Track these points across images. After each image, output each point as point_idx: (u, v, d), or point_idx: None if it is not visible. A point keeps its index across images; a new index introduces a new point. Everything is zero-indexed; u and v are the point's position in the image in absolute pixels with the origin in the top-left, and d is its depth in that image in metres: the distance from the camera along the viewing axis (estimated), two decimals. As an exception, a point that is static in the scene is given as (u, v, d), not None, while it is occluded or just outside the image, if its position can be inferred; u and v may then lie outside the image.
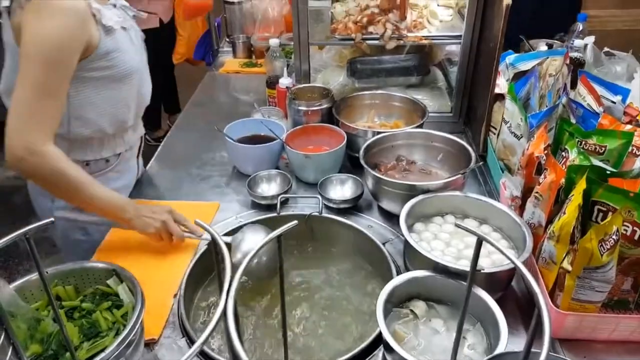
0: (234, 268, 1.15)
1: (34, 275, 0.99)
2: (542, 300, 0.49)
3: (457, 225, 0.57)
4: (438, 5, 2.00)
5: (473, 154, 1.41)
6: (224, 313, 0.46)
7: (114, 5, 1.33)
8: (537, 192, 1.14)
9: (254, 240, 1.26)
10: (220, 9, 2.89)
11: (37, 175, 1.21)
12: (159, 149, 1.89)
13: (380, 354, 1.04)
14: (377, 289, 1.25)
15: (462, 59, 1.75)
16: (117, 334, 0.94)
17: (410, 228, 1.24)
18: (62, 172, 1.19)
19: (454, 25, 1.89)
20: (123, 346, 0.84)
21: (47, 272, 1.01)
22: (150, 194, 1.60)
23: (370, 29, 1.80)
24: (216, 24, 2.94)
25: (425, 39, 1.80)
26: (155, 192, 1.61)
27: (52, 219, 0.53)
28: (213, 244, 0.52)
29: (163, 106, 4.17)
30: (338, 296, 1.27)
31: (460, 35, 1.74)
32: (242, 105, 2.21)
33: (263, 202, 1.51)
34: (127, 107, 1.41)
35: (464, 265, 1.08)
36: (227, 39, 2.89)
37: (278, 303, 1.24)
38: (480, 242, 0.52)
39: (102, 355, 0.81)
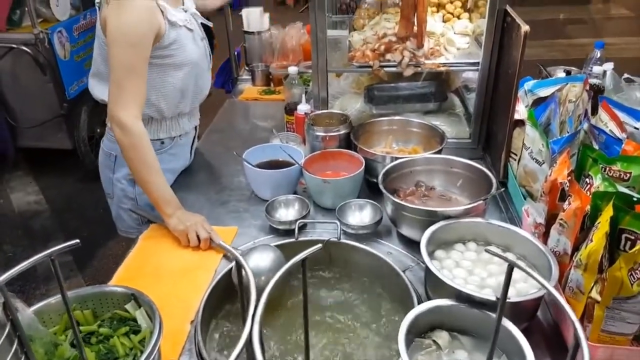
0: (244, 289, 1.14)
1: (52, 299, 0.99)
2: (581, 330, 0.47)
3: (487, 251, 0.55)
4: (455, 33, 2.01)
5: (494, 180, 1.39)
6: (250, 339, 0.45)
7: (185, 11, 1.60)
8: (561, 219, 1.12)
9: (261, 259, 1.26)
10: (240, 38, 2.95)
11: (121, 144, 1.46)
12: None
13: (402, 385, 1.01)
14: (397, 318, 1.22)
15: (480, 85, 1.75)
16: (134, 359, 0.93)
17: (431, 255, 1.22)
18: (138, 149, 1.45)
19: (471, 52, 1.89)
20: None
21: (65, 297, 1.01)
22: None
23: (388, 56, 1.81)
24: (236, 53, 2.99)
25: (442, 66, 1.80)
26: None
27: (77, 240, 0.53)
28: (237, 266, 0.51)
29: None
30: (356, 324, 1.24)
31: (478, 62, 1.75)
32: (261, 131, 2.23)
33: (281, 227, 1.50)
34: (183, 94, 1.63)
35: (489, 294, 1.06)
36: (246, 68, 2.93)
37: (295, 321, 1.23)
38: (511, 269, 0.51)
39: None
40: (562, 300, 0.51)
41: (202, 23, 1.72)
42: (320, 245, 0.56)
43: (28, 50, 3.46)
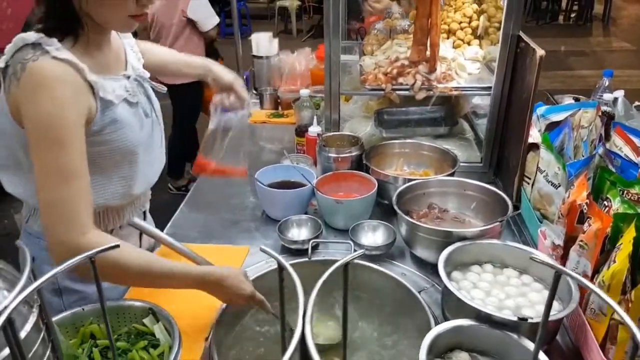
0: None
1: (69, 312, 0.98)
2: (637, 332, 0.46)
3: (532, 259, 0.54)
4: (465, 59, 2.04)
5: (509, 202, 1.39)
6: (303, 337, 0.45)
7: (128, 77, 1.23)
8: (581, 241, 1.11)
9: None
10: (249, 63, 2.99)
11: (92, 274, 0.80)
12: (189, 193, 1.91)
13: (422, 408, 0.99)
14: (414, 339, 1.20)
15: (493, 109, 1.76)
16: (152, 375, 0.91)
17: (447, 276, 1.21)
18: (115, 262, 0.99)
19: (481, 77, 1.91)
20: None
21: (83, 309, 1.00)
22: (180, 238, 1.58)
23: (400, 80, 1.83)
24: (245, 77, 3.03)
25: (455, 90, 1.82)
26: (186, 236, 1.60)
27: (118, 243, 0.52)
28: (279, 269, 0.50)
29: (187, 157, 4.25)
30: (372, 346, 1.22)
31: (490, 87, 1.77)
32: (269, 153, 2.24)
33: (293, 246, 1.49)
34: (126, 186, 1.24)
35: (508, 315, 1.04)
36: (255, 92, 2.96)
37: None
38: (558, 277, 0.50)
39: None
40: (612, 303, 0.50)
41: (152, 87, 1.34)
42: (363, 250, 0.56)
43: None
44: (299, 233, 1.56)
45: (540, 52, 1.42)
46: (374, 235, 1.52)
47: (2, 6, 3.39)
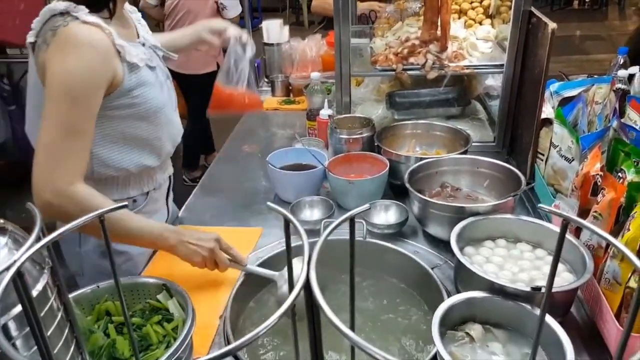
0: (280, 301, 1.12)
1: (88, 289, 1.00)
2: None
3: (540, 208, 0.54)
4: (477, 38, 2.02)
5: (522, 178, 1.38)
6: (308, 282, 0.45)
7: (143, 44, 1.32)
8: (595, 212, 1.10)
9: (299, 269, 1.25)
10: (260, 50, 2.99)
11: (67, 218, 0.90)
12: (202, 178, 1.93)
13: (436, 379, 0.99)
14: (427, 315, 1.20)
15: (505, 87, 1.75)
16: (167, 347, 0.92)
17: (460, 251, 1.20)
18: (92, 209, 1.07)
19: (494, 56, 1.89)
20: (175, 357, 0.82)
21: (98, 287, 1.02)
22: (194, 221, 1.61)
23: (411, 60, 1.82)
24: (256, 65, 3.03)
25: (466, 69, 1.81)
26: (200, 219, 1.62)
27: (126, 203, 0.53)
28: (285, 223, 0.51)
29: (202, 148, 4.28)
30: (385, 321, 1.22)
31: (502, 65, 1.75)
32: (281, 138, 2.24)
33: (306, 227, 1.48)
34: (152, 147, 1.34)
35: (522, 286, 1.04)
36: (266, 79, 2.97)
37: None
38: (566, 225, 0.49)
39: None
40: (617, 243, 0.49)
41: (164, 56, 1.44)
42: (367, 205, 0.56)
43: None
44: (312, 214, 1.56)
45: (552, 25, 1.40)
46: (386, 215, 1.52)
47: (14, 1, 3.43)
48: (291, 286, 0.46)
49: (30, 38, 1.16)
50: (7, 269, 0.44)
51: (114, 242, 1.19)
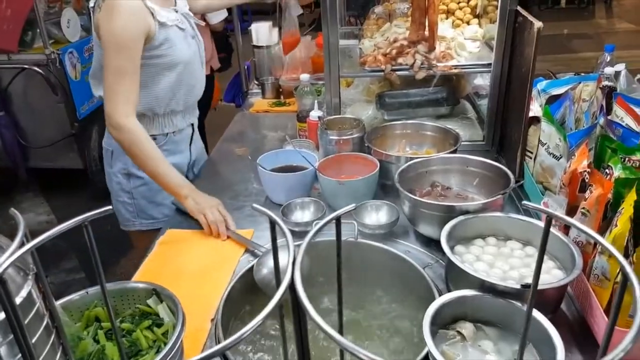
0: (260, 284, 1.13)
1: (76, 295, 0.99)
2: (628, 266, 0.46)
3: (524, 205, 0.54)
4: (465, 38, 2.03)
5: (511, 176, 1.39)
6: (292, 283, 0.45)
7: (176, 11, 1.66)
8: (583, 208, 1.11)
9: (283, 256, 1.25)
10: (250, 53, 2.99)
11: (121, 143, 1.56)
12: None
13: (428, 378, 0.99)
14: (419, 314, 1.20)
15: (493, 86, 1.76)
16: (157, 352, 0.92)
17: (451, 250, 1.21)
18: (137, 145, 1.53)
19: (482, 56, 1.90)
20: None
21: (87, 293, 1.01)
22: (185, 225, 1.60)
23: (400, 60, 1.83)
24: (246, 67, 3.03)
25: (454, 68, 1.82)
26: (191, 222, 1.61)
27: (110, 207, 0.53)
28: (270, 225, 0.51)
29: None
30: (376, 320, 1.23)
31: (490, 64, 1.76)
32: (272, 140, 2.24)
33: (297, 228, 1.49)
34: (174, 92, 1.69)
35: (512, 284, 1.04)
36: (256, 81, 2.96)
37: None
38: (550, 220, 0.50)
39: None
40: (603, 242, 0.49)
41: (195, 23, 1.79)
42: (353, 205, 0.56)
43: (40, 70, 3.52)
44: (303, 215, 1.56)
45: (537, 24, 1.41)
46: (377, 215, 1.52)
47: (1, 7, 3.40)
48: (278, 285, 0.46)
49: (91, 3, 1.63)
50: (-10, 276, 0.43)
51: (147, 174, 1.62)
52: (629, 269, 0.45)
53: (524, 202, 0.55)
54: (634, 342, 0.41)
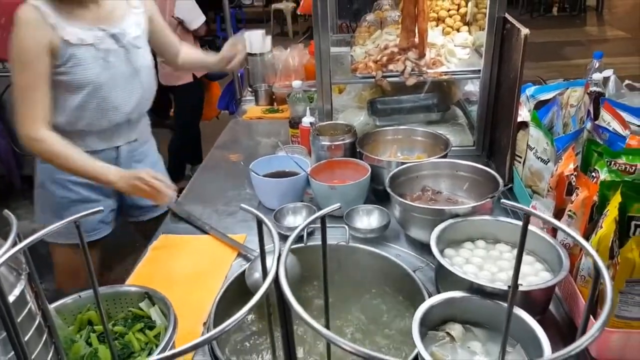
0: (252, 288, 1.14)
1: (69, 299, 1.00)
2: (600, 261, 0.48)
3: (503, 204, 0.56)
4: (455, 45, 2.05)
5: (500, 180, 1.41)
6: (277, 277, 0.46)
7: (103, 30, 1.58)
8: (570, 211, 1.12)
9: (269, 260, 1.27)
10: (243, 60, 3.01)
11: (39, 154, 1.55)
12: (186, 187, 1.93)
13: (417, 379, 1.00)
14: (409, 316, 1.22)
15: (483, 92, 1.78)
16: (149, 354, 0.92)
17: (440, 253, 1.22)
18: (53, 151, 1.51)
19: (472, 62, 1.93)
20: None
21: (79, 297, 1.02)
22: (179, 229, 1.62)
23: (391, 66, 1.85)
24: (239, 74, 3.05)
25: (444, 75, 1.84)
26: (184, 227, 1.62)
27: (102, 207, 0.54)
28: (258, 224, 0.52)
29: (189, 158, 4.29)
30: (367, 323, 1.23)
31: (479, 70, 1.78)
32: (265, 147, 2.25)
33: (289, 233, 1.50)
34: (80, 113, 1.60)
35: (500, 285, 1.05)
36: (250, 89, 2.98)
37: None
38: (527, 218, 0.51)
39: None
40: (581, 240, 0.51)
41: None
42: (338, 204, 0.57)
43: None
44: (295, 220, 1.58)
45: (524, 30, 1.43)
46: (368, 219, 1.54)
47: (-5, 16, 3.40)
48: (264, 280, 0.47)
49: None
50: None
51: (70, 172, 1.59)
52: (597, 258, 0.47)
53: (503, 200, 0.56)
54: (603, 328, 0.43)
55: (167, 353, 0.38)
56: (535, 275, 1.14)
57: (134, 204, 1.87)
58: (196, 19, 3.72)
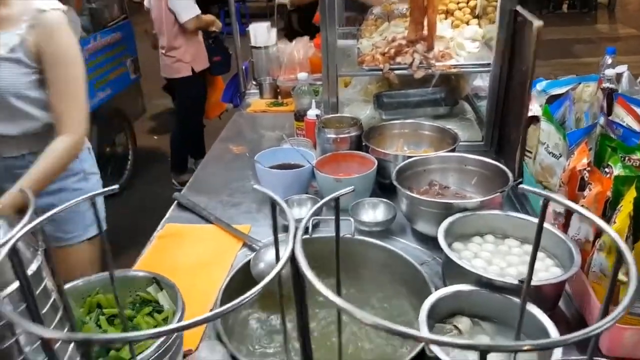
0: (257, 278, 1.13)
1: (80, 281, 1.01)
2: (621, 242, 0.45)
3: (522, 189, 0.54)
4: (464, 38, 2.03)
5: (510, 175, 1.38)
6: (293, 255, 0.45)
7: None
8: (582, 206, 1.10)
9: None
10: (248, 53, 2.99)
11: None
12: (190, 179, 1.92)
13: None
14: (415, 311, 1.19)
15: (492, 86, 1.76)
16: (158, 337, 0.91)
17: (448, 247, 1.20)
18: None
19: (481, 56, 1.90)
20: (164, 347, 0.81)
21: (90, 280, 1.02)
22: (183, 218, 1.61)
23: (398, 59, 1.82)
24: (244, 67, 3.03)
25: (453, 68, 1.81)
26: (188, 217, 1.61)
27: (117, 186, 0.53)
28: (272, 206, 0.50)
29: (191, 151, 4.27)
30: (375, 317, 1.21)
31: (489, 64, 1.76)
32: (269, 140, 2.23)
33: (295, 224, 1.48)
34: None
35: (510, 279, 1.03)
36: (254, 82, 2.96)
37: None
38: (546, 203, 0.49)
39: (144, 354, 0.79)
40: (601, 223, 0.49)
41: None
42: (352, 187, 0.55)
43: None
44: (300, 212, 1.56)
45: (537, 23, 1.41)
46: (374, 212, 1.52)
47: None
48: (278, 259, 0.46)
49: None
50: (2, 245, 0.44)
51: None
52: (620, 243, 0.45)
53: (521, 186, 0.54)
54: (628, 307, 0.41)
55: (183, 323, 0.37)
56: (545, 271, 1.12)
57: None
58: (186, 11, 3.67)
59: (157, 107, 5.58)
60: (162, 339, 0.82)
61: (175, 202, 1.72)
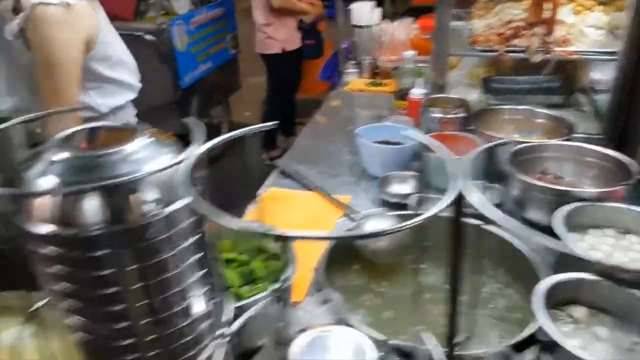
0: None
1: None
2: None
3: None
4: (586, 26, 1.91)
5: (637, 168, 1.29)
6: None
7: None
8: None
9: (378, 224, 1.28)
10: (349, 32, 2.99)
11: None
12: (291, 148, 1.96)
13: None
14: (524, 300, 1.15)
15: (618, 76, 1.64)
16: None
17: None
18: None
19: (605, 44, 1.78)
20: (279, 292, 0.85)
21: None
22: (284, 184, 1.65)
23: (515, 41, 1.75)
24: (345, 46, 3.03)
25: (575, 54, 1.71)
26: (290, 183, 1.66)
27: (277, 121, 0.55)
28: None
29: (282, 128, 4.36)
30: (483, 300, 1.19)
31: (615, 52, 1.64)
32: (365, 119, 2.22)
33: (394, 199, 1.48)
34: None
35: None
36: (354, 61, 2.96)
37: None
38: None
39: (260, 295, 0.83)
40: None
41: None
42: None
43: (152, 39, 3.72)
44: (400, 188, 1.55)
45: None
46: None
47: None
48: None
49: None
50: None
51: None
52: None
53: None
54: None
55: (314, 233, 0.39)
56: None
57: None
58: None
59: (253, 85, 5.75)
60: (278, 284, 0.85)
61: (276, 169, 1.77)
